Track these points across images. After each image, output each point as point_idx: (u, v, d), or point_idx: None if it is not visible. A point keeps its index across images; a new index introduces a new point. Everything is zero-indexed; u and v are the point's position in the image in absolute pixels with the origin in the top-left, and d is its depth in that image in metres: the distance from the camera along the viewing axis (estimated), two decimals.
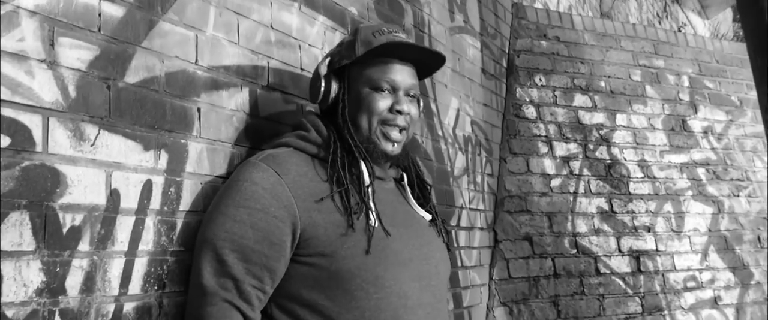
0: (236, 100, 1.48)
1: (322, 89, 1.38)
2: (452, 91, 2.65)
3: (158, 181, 1.26)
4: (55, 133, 1.08)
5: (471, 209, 2.74)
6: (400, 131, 1.37)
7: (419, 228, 1.39)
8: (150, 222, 1.24)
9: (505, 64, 3.30)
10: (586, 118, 3.42)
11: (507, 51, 3.35)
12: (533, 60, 3.42)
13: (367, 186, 1.30)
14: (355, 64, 1.38)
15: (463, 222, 2.65)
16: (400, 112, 1.35)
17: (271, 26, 1.62)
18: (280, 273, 1.23)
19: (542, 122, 3.29)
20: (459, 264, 2.58)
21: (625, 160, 3.41)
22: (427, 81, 2.44)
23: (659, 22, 7.91)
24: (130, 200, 1.20)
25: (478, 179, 2.83)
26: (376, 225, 1.27)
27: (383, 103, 1.35)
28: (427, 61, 1.44)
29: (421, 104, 1.50)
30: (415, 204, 1.43)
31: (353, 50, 1.37)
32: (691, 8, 8.58)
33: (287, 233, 1.22)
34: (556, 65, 3.47)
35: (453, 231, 2.54)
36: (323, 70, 1.40)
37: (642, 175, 3.42)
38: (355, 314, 1.21)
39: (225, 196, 1.24)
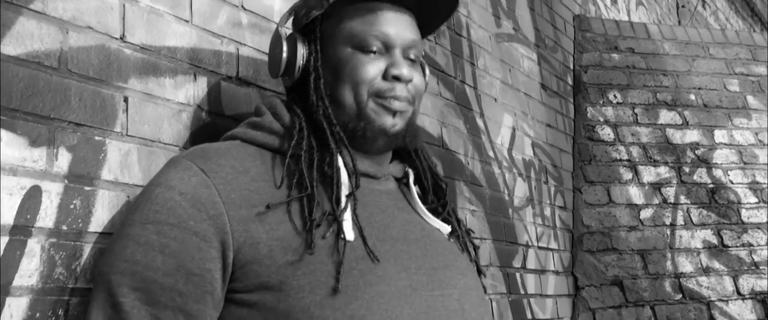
0: (186, 92, 1.13)
1: (285, 56, 0.98)
2: (504, 106, 2.22)
3: (53, 190, 0.90)
4: None
5: (540, 248, 2.24)
6: (403, 101, 0.96)
7: (430, 244, 0.95)
8: (35, 245, 0.87)
9: (570, 81, 2.85)
10: (677, 136, 2.88)
11: (571, 67, 2.90)
12: (604, 75, 2.95)
13: (347, 194, 0.89)
14: (328, 16, 0.99)
15: (531, 264, 2.15)
16: (398, 79, 0.94)
17: (242, 6, 1.28)
18: (208, 319, 0.82)
19: (622, 144, 2.77)
20: (529, 315, 2.07)
21: (732, 183, 2.81)
22: (470, 91, 2.04)
23: (754, 31, 7.20)
24: (1, 213, 0.84)
25: (547, 212, 2.34)
26: (353, 240, 0.85)
27: (373, 67, 0.95)
28: (430, 6, 1.02)
29: (427, 72, 1.09)
30: (426, 211, 1.00)
31: None
32: None
33: (214, 257, 0.82)
34: (633, 79, 2.98)
35: (518, 274, 2.05)
36: (285, 31, 1.02)
37: (756, 200, 2.80)
38: None
39: (132, 210, 0.86)
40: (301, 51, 0.98)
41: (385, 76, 0.95)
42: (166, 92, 1.09)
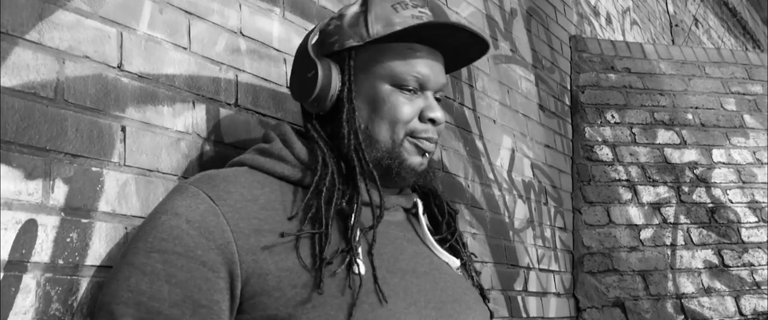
0: (185, 120, 1.12)
1: (320, 81, 0.95)
2: (503, 127, 2.21)
3: (49, 223, 0.88)
4: None
5: (541, 270, 2.22)
6: (433, 143, 1.00)
7: (440, 277, 0.94)
8: (31, 281, 0.85)
9: (568, 102, 2.85)
10: (675, 156, 2.87)
11: (569, 87, 2.90)
12: (602, 95, 2.95)
13: (364, 229, 0.89)
14: (363, 48, 0.97)
15: (532, 287, 2.13)
16: (433, 121, 0.97)
17: (241, 32, 1.27)
18: None
19: (621, 164, 2.77)
20: None
21: (731, 202, 2.80)
22: (469, 113, 2.03)
23: (746, 49, 7.27)
24: None
25: (547, 233, 2.32)
26: (363, 273, 0.83)
27: (410, 107, 0.96)
28: (460, 48, 1.02)
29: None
30: (435, 243, 0.99)
31: (364, 28, 0.96)
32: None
33: (222, 288, 0.80)
34: (630, 99, 2.98)
35: (519, 298, 2.03)
36: (314, 53, 0.98)
37: (756, 220, 2.79)
38: None
39: (136, 238, 0.85)
40: (336, 79, 0.96)
41: (421, 117, 0.96)
42: (165, 121, 1.08)
